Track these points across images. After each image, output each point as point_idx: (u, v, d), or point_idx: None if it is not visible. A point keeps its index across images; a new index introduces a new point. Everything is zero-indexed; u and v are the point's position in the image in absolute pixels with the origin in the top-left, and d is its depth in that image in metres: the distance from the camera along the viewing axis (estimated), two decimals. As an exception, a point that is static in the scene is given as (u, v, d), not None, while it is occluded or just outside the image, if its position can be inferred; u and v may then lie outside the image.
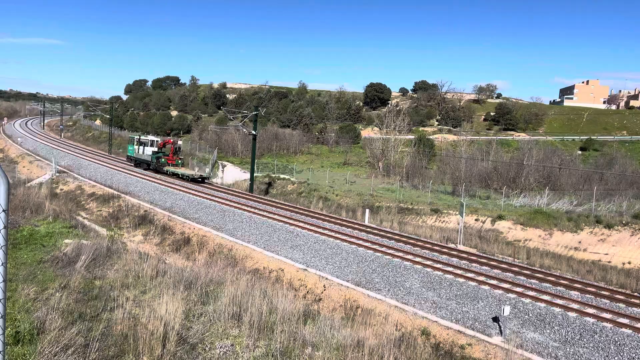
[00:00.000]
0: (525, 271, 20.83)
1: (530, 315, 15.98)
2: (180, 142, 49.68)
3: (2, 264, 2.76)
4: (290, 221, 28.01)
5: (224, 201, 33.22)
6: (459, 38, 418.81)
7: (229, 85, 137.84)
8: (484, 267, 21.16)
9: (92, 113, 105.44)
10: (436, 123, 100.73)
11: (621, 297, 17.95)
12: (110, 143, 69.50)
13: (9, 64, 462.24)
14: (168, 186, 38.71)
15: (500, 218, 32.71)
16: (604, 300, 17.60)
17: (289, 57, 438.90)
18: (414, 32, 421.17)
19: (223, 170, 54.07)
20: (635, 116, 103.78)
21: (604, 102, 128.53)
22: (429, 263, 20.89)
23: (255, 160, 43.28)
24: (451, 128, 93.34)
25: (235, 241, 25.08)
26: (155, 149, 47.72)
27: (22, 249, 12.23)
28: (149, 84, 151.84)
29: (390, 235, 26.48)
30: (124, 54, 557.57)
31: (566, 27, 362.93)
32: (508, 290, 17.84)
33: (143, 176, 43.69)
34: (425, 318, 16.31)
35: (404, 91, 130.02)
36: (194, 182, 41.62)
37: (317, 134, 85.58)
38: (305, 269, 20.83)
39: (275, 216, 29.28)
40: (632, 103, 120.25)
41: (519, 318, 15.87)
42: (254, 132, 41.13)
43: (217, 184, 45.64)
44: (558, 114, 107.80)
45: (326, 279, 19.80)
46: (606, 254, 27.16)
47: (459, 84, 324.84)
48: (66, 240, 13.25)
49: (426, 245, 24.55)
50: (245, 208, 31.26)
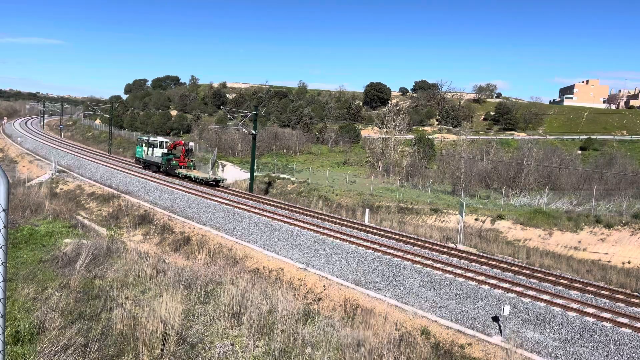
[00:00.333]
0: (525, 271, 20.85)
1: (530, 314, 15.99)
2: (191, 144, 47.96)
3: (2, 264, 2.76)
4: (290, 221, 28.02)
5: (223, 201, 33.23)
6: (458, 38, 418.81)
7: (228, 84, 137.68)
8: (484, 267, 21.17)
9: (92, 113, 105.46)
10: (436, 123, 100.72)
11: (621, 297, 17.97)
12: (110, 143, 69.52)
13: (9, 63, 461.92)
14: (168, 186, 38.71)
15: (500, 218, 32.73)
16: (603, 299, 17.62)
17: (289, 57, 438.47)
18: (414, 32, 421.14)
19: (223, 170, 54.16)
20: (635, 116, 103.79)
21: (604, 102, 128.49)
22: (428, 263, 20.90)
23: (255, 160, 43.28)
24: (451, 128, 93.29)
25: (235, 241, 25.09)
26: (165, 151, 46.41)
27: (22, 248, 12.23)
28: (149, 83, 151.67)
29: (390, 234, 26.48)
30: (123, 53, 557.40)
31: (566, 27, 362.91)
32: (508, 290, 17.85)
33: (143, 176, 43.68)
34: (425, 317, 16.32)
35: (403, 91, 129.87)
36: (208, 186, 39.68)
37: (317, 133, 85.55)
38: (305, 269, 20.84)
39: (275, 216, 29.29)
40: (632, 103, 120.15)
41: (518, 317, 15.88)
42: (253, 132, 41.12)
43: (230, 186, 43.31)
44: (558, 113, 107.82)
45: (326, 278, 19.82)
46: (606, 254, 27.17)
47: (459, 84, 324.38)
48: (66, 240, 13.25)
49: (426, 244, 24.56)
50: (245, 207, 31.27)
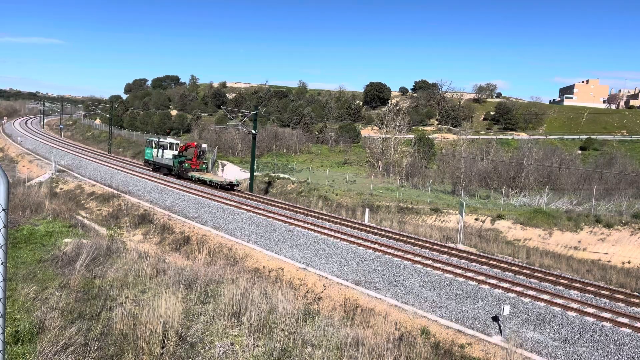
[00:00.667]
0: (524, 270, 20.85)
1: (530, 314, 15.99)
2: (204, 146, 45.77)
3: (2, 263, 2.76)
4: (290, 220, 28.02)
5: (223, 200, 33.22)
6: (458, 37, 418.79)
7: (228, 84, 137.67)
8: (484, 267, 21.17)
9: (92, 112, 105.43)
10: (436, 122, 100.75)
11: (621, 297, 17.96)
12: (110, 142, 69.52)
13: (9, 63, 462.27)
14: (168, 185, 38.71)
15: (500, 217, 32.73)
16: (603, 299, 17.61)
17: (289, 57, 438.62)
18: (414, 32, 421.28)
19: (223, 170, 54.18)
20: (635, 116, 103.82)
21: (604, 102, 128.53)
22: (428, 262, 20.89)
23: (255, 160, 43.29)
24: (451, 127, 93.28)
25: (235, 240, 25.09)
26: (176, 153, 44.72)
27: (22, 248, 12.23)
28: (149, 83, 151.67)
29: (390, 234, 26.48)
30: (123, 53, 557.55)
31: (566, 27, 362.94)
32: (508, 290, 17.85)
33: (143, 175, 43.68)
34: (425, 317, 16.33)
35: (403, 90, 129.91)
36: (224, 190, 37.90)
37: (317, 133, 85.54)
38: (305, 268, 20.85)
39: (275, 215, 29.28)
40: (632, 102, 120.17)
41: (518, 317, 15.88)
42: (253, 132, 41.12)
43: (245, 190, 41.09)
44: (558, 113, 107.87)
45: (326, 278, 19.82)
46: (606, 254, 27.17)
47: (459, 84, 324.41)
48: (66, 240, 13.24)
49: (426, 244, 24.56)
50: (245, 207, 31.26)
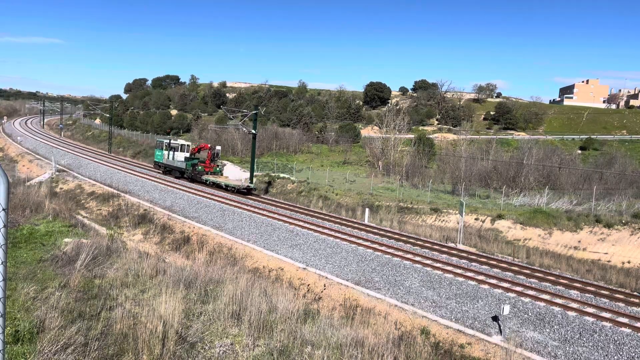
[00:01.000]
0: (524, 270, 20.85)
1: (530, 314, 15.99)
2: (218, 148, 43.82)
3: (2, 263, 2.76)
4: (290, 220, 28.02)
5: (223, 200, 33.22)
6: (459, 37, 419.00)
7: (228, 84, 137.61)
8: (484, 267, 21.17)
9: (92, 112, 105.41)
10: (436, 122, 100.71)
11: (621, 297, 17.97)
12: (110, 142, 69.52)
13: (9, 62, 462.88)
14: (168, 185, 38.72)
15: (500, 217, 32.72)
16: (603, 299, 17.62)
17: (289, 56, 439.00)
18: (414, 31, 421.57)
19: (223, 170, 54.03)
20: (635, 115, 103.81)
21: (604, 102, 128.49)
22: (428, 262, 20.90)
23: (255, 159, 43.24)
24: (451, 127, 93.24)
25: (235, 240, 25.10)
26: (188, 155, 43.63)
27: (22, 247, 12.23)
28: (149, 83, 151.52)
29: (390, 234, 26.49)
30: (123, 53, 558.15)
31: (566, 27, 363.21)
32: (508, 290, 17.86)
33: (143, 175, 43.69)
34: (425, 317, 16.33)
35: (403, 90, 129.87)
36: (241, 194, 36.51)
37: (317, 133, 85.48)
38: (305, 268, 20.85)
39: (275, 215, 29.29)
40: (632, 102, 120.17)
41: (518, 317, 15.88)
42: (253, 131, 41.10)
43: (263, 195, 39.67)
44: (558, 113, 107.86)
45: (326, 278, 19.82)
46: (606, 253, 27.16)
47: (459, 83, 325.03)
48: (66, 239, 13.24)
49: (426, 244, 24.56)
50: (245, 207, 31.26)
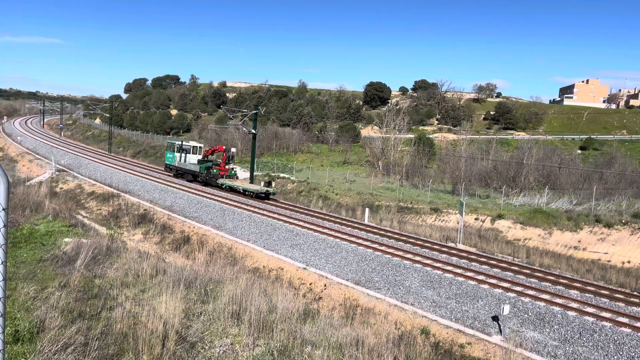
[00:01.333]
0: (524, 270, 20.85)
1: (530, 314, 15.99)
2: (233, 150, 41.58)
3: (2, 263, 2.76)
4: (290, 220, 28.02)
5: (223, 200, 33.22)
6: (458, 37, 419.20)
7: (228, 84, 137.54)
8: (484, 266, 21.17)
9: (92, 112, 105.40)
10: (436, 122, 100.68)
11: (620, 296, 17.97)
12: (110, 142, 69.52)
13: (9, 62, 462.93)
14: (168, 185, 38.72)
15: (500, 217, 32.71)
16: (603, 299, 17.62)
17: (289, 56, 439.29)
18: (414, 31, 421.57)
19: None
20: (635, 115, 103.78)
21: (604, 102, 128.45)
22: (428, 262, 20.90)
23: (255, 159, 43.27)
24: (451, 127, 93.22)
25: (235, 240, 25.10)
26: (200, 157, 42.06)
27: (22, 247, 12.23)
28: (149, 82, 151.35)
29: (390, 234, 26.49)
30: (123, 52, 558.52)
31: (566, 26, 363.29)
32: (507, 290, 17.85)
33: (143, 175, 43.70)
34: (425, 317, 16.33)
35: (403, 90, 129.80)
36: (259, 199, 34.44)
37: (317, 133, 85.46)
38: (305, 268, 20.85)
39: (275, 215, 29.28)
40: (632, 102, 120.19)
41: (518, 317, 15.88)
42: (253, 131, 41.11)
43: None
44: (558, 113, 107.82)
45: (326, 277, 19.83)
46: (606, 253, 27.16)
47: (459, 83, 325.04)
48: (66, 239, 13.24)
49: (426, 244, 24.56)
50: (245, 207, 31.26)
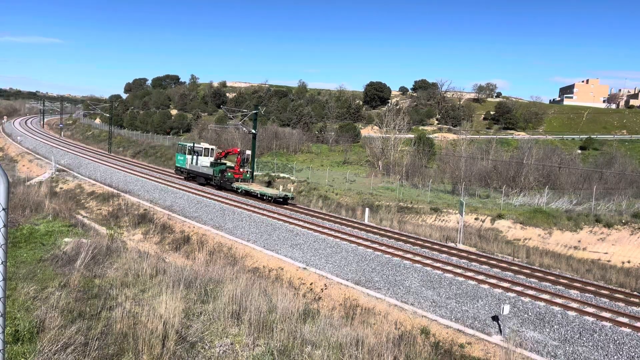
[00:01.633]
0: (524, 270, 20.85)
1: (530, 314, 15.99)
2: (248, 152, 39.39)
3: (2, 263, 2.76)
4: (290, 220, 28.02)
5: (223, 200, 33.21)
6: (458, 37, 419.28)
7: (228, 83, 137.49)
8: (484, 266, 21.17)
9: (92, 112, 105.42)
10: (436, 122, 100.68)
11: (620, 296, 17.98)
12: (110, 142, 69.52)
13: (9, 62, 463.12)
14: (167, 185, 38.72)
15: (500, 217, 32.71)
16: (603, 299, 17.62)
17: (289, 56, 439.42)
18: (414, 31, 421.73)
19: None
20: (635, 115, 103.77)
21: (604, 101, 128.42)
22: (428, 262, 20.90)
23: (255, 159, 43.25)
24: (451, 127, 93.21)
25: (235, 240, 25.10)
26: (213, 159, 40.60)
27: (22, 247, 12.23)
28: (149, 82, 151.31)
29: (389, 234, 26.49)
30: (123, 52, 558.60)
31: (566, 26, 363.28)
32: (507, 289, 17.86)
33: (143, 175, 43.70)
34: (425, 317, 16.33)
35: (403, 90, 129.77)
36: (277, 204, 32.86)
37: (317, 132, 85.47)
38: (305, 268, 20.85)
39: (275, 215, 29.28)
40: (632, 102, 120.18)
41: (518, 317, 15.88)
42: (253, 131, 41.12)
43: (300, 205, 35.46)
44: (558, 113, 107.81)
45: (326, 277, 19.83)
46: (606, 253, 27.16)
47: (459, 83, 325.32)
48: (66, 239, 13.24)
49: (426, 244, 24.57)
50: (245, 207, 31.26)
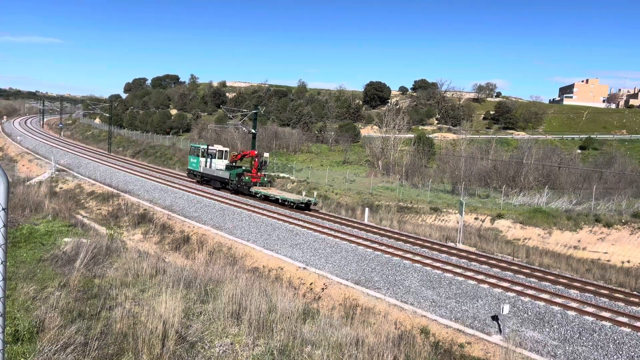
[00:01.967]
0: (524, 270, 20.86)
1: (530, 313, 16.00)
2: (266, 155, 38.38)
3: (2, 263, 2.76)
4: (290, 220, 28.02)
5: (223, 200, 33.22)
6: (458, 37, 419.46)
7: (228, 83, 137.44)
8: (483, 266, 21.18)
9: (92, 111, 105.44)
10: (436, 122, 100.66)
11: (620, 296, 17.99)
12: (110, 142, 69.51)
13: (9, 62, 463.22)
14: (167, 185, 38.71)
15: (499, 217, 32.72)
16: (603, 299, 17.63)
17: (289, 56, 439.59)
18: (414, 31, 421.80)
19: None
20: (635, 115, 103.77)
21: (604, 101, 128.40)
22: (428, 262, 20.90)
23: (255, 159, 43.22)
24: (451, 127, 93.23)
25: (235, 240, 25.10)
26: (228, 162, 39.64)
27: (22, 247, 12.22)
28: (149, 82, 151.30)
29: (389, 234, 26.49)
30: (123, 52, 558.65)
31: (566, 26, 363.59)
32: (507, 289, 17.86)
33: (143, 175, 43.69)
34: (425, 317, 16.34)
35: (403, 90, 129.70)
36: (299, 210, 31.31)
37: (317, 132, 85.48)
38: (305, 268, 20.86)
39: (275, 214, 29.28)
40: (632, 102, 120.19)
41: (518, 317, 15.89)
42: (253, 131, 41.13)
43: (322, 210, 34.34)
44: (557, 112, 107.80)
45: (326, 277, 19.83)
46: (605, 253, 27.17)
47: (459, 83, 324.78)
48: (65, 239, 13.23)
49: (425, 244, 24.57)
50: (245, 206, 31.26)
